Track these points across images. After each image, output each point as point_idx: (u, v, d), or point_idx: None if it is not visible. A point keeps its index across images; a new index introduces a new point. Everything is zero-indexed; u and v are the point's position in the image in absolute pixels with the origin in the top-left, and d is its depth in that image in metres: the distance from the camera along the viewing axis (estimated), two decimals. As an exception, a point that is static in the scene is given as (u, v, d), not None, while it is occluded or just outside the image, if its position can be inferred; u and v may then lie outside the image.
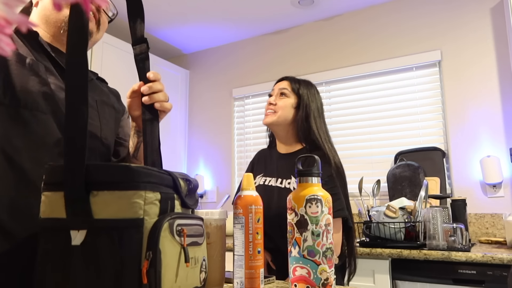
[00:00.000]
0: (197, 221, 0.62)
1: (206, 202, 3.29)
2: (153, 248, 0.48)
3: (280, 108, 1.39)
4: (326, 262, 0.75)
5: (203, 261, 0.63)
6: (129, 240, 0.48)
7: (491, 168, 2.25)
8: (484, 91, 2.41)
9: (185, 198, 0.60)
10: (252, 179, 0.86)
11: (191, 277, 0.57)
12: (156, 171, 0.54)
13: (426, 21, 2.64)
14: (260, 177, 1.43)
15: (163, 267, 0.49)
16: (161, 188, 0.54)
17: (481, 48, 2.45)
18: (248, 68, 3.30)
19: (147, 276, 0.47)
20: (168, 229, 0.51)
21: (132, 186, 0.50)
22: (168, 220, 0.52)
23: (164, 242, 0.50)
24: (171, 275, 0.51)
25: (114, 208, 0.49)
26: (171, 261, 0.51)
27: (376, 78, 2.76)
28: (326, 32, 3.00)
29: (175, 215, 0.54)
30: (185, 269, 0.55)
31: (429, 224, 1.84)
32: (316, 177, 0.80)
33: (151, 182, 0.52)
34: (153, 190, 0.52)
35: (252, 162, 1.55)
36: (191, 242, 0.57)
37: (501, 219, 2.24)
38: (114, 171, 0.50)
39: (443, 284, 1.75)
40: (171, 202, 0.56)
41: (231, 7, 2.85)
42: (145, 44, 0.78)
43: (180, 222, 0.55)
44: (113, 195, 0.49)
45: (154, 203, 0.52)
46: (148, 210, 0.50)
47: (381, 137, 2.67)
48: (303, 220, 0.76)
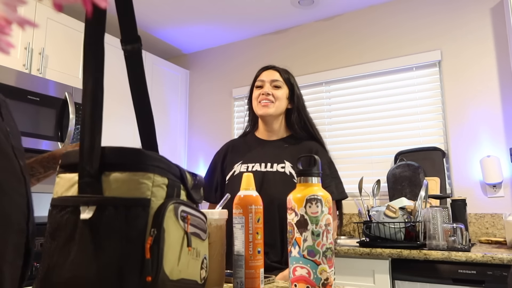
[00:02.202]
0: (201, 215, 0.64)
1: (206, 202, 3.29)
2: (157, 226, 0.50)
3: (278, 99, 1.41)
4: (326, 262, 0.75)
5: (204, 259, 0.64)
6: (135, 217, 0.50)
7: (491, 168, 2.25)
8: (484, 91, 2.41)
9: (190, 191, 0.63)
10: (252, 179, 0.86)
11: (193, 267, 0.58)
12: (165, 158, 0.57)
13: (426, 21, 2.64)
14: (239, 165, 1.40)
15: (166, 246, 0.51)
16: (169, 175, 0.57)
17: (481, 48, 2.45)
18: (248, 68, 3.30)
19: (150, 251, 0.49)
20: (173, 211, 0.54)
21: (142, 168, 0.53)
22: (174, 203, 0.54)
23: (168, 222, 0.52)
24: (174, 256, 0.52)
25: (123, 188, 0.51)
26: (174, 242, 0.53)
27: (376, 78, 2.76)
28: (326, 32, 3.00)
29: (180, 201, 0.57)
30: (187, 256, 0.56)
31: (429, 224, 1.84)
32: (316, 177, 0.80)
33: (159, 167, 0.55)
34: (161, 175, 0.55)
35: (223, 152, 1.49)
36: (194, 232, 0.59)
37: (501, 219, 2.24)
38: (126, 153, 0.53)
39: (443, 284, 1.75)
40: (177, 190, 0.58)
41: (231, 7, 2.85)
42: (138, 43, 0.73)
43: (185, 209, 0.57)
44: (123, 175, 0.52)
45: (162, 186, 0.54)
46: (155, 192, 0.53)
47: (381, 137, 2.67)
48: (303, 220, 0.76)
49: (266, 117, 1.42)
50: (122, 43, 0.74)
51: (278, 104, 1.40)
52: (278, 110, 1.41)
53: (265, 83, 1.43)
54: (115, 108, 2.78)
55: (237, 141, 1.53)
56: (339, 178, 1.38)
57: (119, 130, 2.80)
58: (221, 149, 1.52)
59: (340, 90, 2.87)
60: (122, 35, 0.74)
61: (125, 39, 0.74)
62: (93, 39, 0.57)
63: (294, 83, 1.46)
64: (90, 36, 0.57)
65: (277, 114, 1.42)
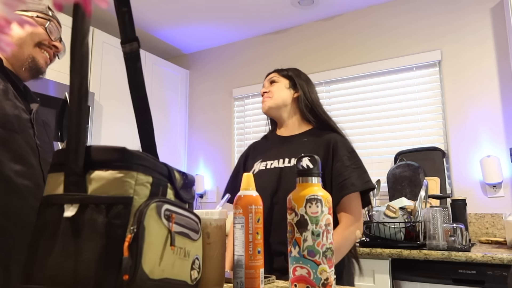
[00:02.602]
0: (191, 215, 0.63)
1: (206, 202, 3.29)
2: (137, 224, 0.50)
3: (274, 91, 1.40)
4: (326, 262, 0.75)
5: (196, 260, 0.63)
6: (117, 216, 0.50)
7: (491, 168, 2.25)
8: (484, 91, 2.41)
9: (179, 190, 0.63)
10: (252, 179, 0.86)
11: (179, 267, 0.58)
12: (151, 157, 0.57)
13: (426, 21, 2.64)
14: (259, 163, 1.39)
15: (146, 244, 0.51)
16: (154, 173, 0.57)
17: (481, 48, 2.45)
18: (248, 68, 3.30)
19: (129, 250, 0.49)
20: (155, 209, 0.53)
21: (125, 166, 0.53)
22: (156, 202, 0.54)
23: (149, 220, 0.52)
24: (155, 255, 0.52)
25: (106, 186, 0.52)
26: (156, 241, 0.53)
27: (376, 78, 2.76)
28: (326, 32, 3.00)
29: (164, 199, 0.56)
30: (171, 255, 0.56)
31: (429, 224, 1.84)
32: (316, 177, 0.80)
33: (144, 166, 0.55)
34: (146, 173, 0.55)
35: (245, 155, 1.50)
36: (181, 231, 0.59)
37: (501, 219, 2.24)
38: (110, 152, 0.54)
39: (443, 284, 1.75)
40: (163, 189, 0.58)
41: (231, 7, 2.85)
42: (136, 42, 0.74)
43: (170, 208, 0.57)
44: (106, 173, 0.52)
45: (145, 185, 0.55)
46: (138, 190, 0.53)
47: (381, 137, 2.67)
48: (303, 220, 0.76)
49: (269, 112, 1.41)
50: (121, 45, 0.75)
51: (276, 96, 1.39)
52: (277, 101, 1.39)
53: (264, 85, 1.47)
54: (115, 108, 2.78)
55: (259, 142, 1.52)
56: (362, 168, 1.28)
57: (119, 130, 2.80)
58: (244, 152, 1.52)
59: (340, 90, 2.87)
60: (121, 37, 0.74)
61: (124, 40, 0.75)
62: (78, 39, 0.58)
63: (294, 75, 1.44)
64: (75, 36, 0.58)
65: (278, 105, 1.39)
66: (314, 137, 1.35)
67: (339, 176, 1.24)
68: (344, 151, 1.28)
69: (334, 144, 1.29)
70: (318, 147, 1.30)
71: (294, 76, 1.43)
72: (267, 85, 1.45)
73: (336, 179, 1.24)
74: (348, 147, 1.30)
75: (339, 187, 1.23)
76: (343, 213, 1.24)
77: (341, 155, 1.27)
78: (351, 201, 1.25)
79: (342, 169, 1.24)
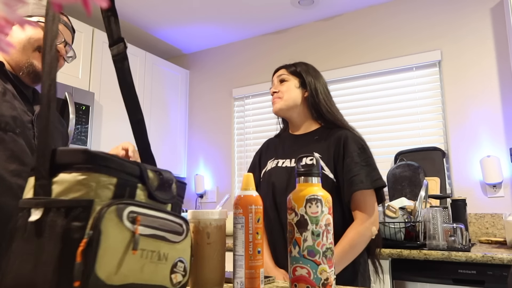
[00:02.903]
0: (169, 217, 0.61)
1: (206, 202, 3.29)
2: (94, 228, 0.49)
3: (284, 92, 1.38)
4: (326, 262, 0.75)
5: (180, 262, 0.61)
6: (75, 219, 0.50)
7: (491, 168, 2.25)
8: (484, 91, 2.41)
9: (154, 190, 0.61)
10: (252, 179, 0.86)
11: (151, 271, 0.56)
12: (116, 157, 0.56)
13: (426, 21, 2.64)
14: (272, 161, 1.39)
15: (102, 249, 0.49)
16: (120, 174, 0.56)
17: (481, 48, 2.45)
18: (248, 68, 3.30)
19: (82, 255, 0.48)
20: (115, 212, 0.52)
21: (87, 168, 0.52)
22: (117, 204, 0.52)
23: (107, 224, 0.50)
24: (113, 260, 0.51)
25: (69, 189, 0.52)
26: (115, 245, 0.51)
27: (376, 78, 2.76)
28: (326, 32, 3.00)
29: (129, 201, 0.55)
30: (138, 259, 0.54)
31: (429, 224, 1.84)
32: (316, 177, 0.80)
33: (108, 167, 0.54)
34: (109, 175, 0.54)
35: (259, 152, 1.50)
36: (153, 234, 0.57)
37: (501, 219, 2.24)
38: (73, 154, 0.53)
39: (443, 284, 1.75)
40: (130, 190, 0.57)
41: (231, 7, 2.85)
42: (122, 43, 0.76)
43: (135, 210, 0.55)
44: (69, 176, 0.52)
45: (108, 187, 0.53)
46: (99, 193, 0.52)
47: (381, 137, 2.67)
48: (303, 220, 0.76)
49: (279, 113, 1.40)
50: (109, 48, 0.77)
51: (286, 96, 1.37)
52: (287, 102, 1.37)
53: (274, 83, 1.44)
54: (115, 108, 2.78)
55: (273, 139, 1.51)
56: (373, 165, 1.26)
57: (119, 130, 2.80)
58: (258, 150, 1.52)
59: (340, 90, 2.87)
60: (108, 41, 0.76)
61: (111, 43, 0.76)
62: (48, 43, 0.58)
63: (304, 70, 1.43)
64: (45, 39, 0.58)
65: (289, 106, 1.38)
66: (325, 135, 1.34)
67: (348, 172, 1.23)
68: (354, 147, 1.27)
69: (345, 140, 1.28)
70: (329, 144, 1.30)
71: (303, 73, 1.41)
72: (277, 83, 1.43)
73: (346, 175, 1.23)
74: (358, 143, 1.28)
75: (348, 183, 1.22)
76: (357, 210, 1.23)
77: (351, 151, 1.26)
78: (365, 197, 1.23)
79: (352, 165, 1.23)
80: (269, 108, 3.12)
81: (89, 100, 2.53)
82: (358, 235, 1.20)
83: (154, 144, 3.11)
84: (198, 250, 0.78)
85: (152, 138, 3.09)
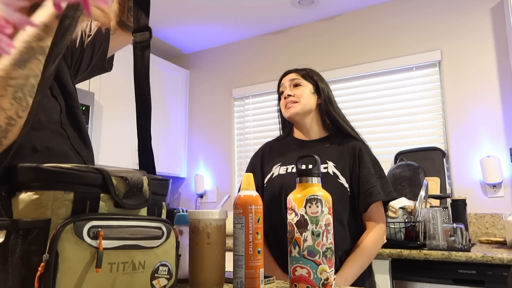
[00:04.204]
0: (143, 223, 0.58)
1: (206, 202, 3.29)
2: (50, 251, 0.47)
3: (301, 96, 1.36)
4: (326, 262, 0.75)
5: (162, 266, 0.59)
6: (33, 242, 0.48)
7: (491, 168, 2.25)
8: (484, 91, 2.41)
9: (122, 198, 0.57)
10: (252, 179, 0.86)
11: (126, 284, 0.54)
12: (73, 169, 0.52)
13: (426, 21, 2.64)
14: (278, 167, 1.36)
15: (61, 271, 0.47)
16: (78, 187, 0.52)
17: (481, 48, 2.45)
18: (248, 68, 3.30)
19: (40, 280, 0.46)
20: (71, 231, 0.49)
21: (40, 186, 0.50)
22: (75, 222, 0.49)
23: (65, 244, 0.48)
24: (72, 281, 0.48)
25: (26, 209, 0.49)
26: (75, 266, 0.49)
27: (376, 78, 2.76)
28: (326, 32, 3.00)
29: (89, 216, 0.51)
30: (106, 275, 0.52)
31: (429, 224, 1.84)
32: (316, 177, 0.80)
33: (62, 182, 0.51)
34: (65, 190, 0.51)
35: (260, 155, 1.46)
36: (122, 245, 0.54)
37: (501, 219, 2.24)
38: (26, 172, 0.50)
39: (443, 284, 1.75)
40: (91, 202, 0.53)
41: (231, 7, 2.85)
42: (148, 32, 0.75)
43: (98, 224, 0.52)
44: (25, 196, 0.50)
45: (64, 203, 0.51)
46: (56, 211, 0.50)
47: (381, 137, 2.67)
48: (303, 220, 0.76)
49: (295, 118, 1.37)
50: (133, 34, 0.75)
51: (303, 101, 1.35)
52: (305, 107, 1.35)
53: (286, 87, 1.40)
54: (115, 108, 2.78)
55: (273, 143, 1.48)
56: (385, 177, 1.31)
57: (119, 130, 2.80)
58: (257, 152, 1.48)
59: (340, 90, 2.87)
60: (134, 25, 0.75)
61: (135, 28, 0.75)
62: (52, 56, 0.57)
63: (317, 77, 1.42)
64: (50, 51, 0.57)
65: (305, 112, 1.36)
66: (336, 144, 1.35)
67: (367, 183, 1.26)
68: (368, 159, 1.31)
69: (359, 151, 1.31)
70: (343, 154, 1.31)
71: (318, 80, 1.41)
72: (289, 87, 1.40)
73: (364, 185, 1.26)
74: (371, 155, 1.33)
75: (367, 194, 1.25)
76: (372, 220, 1.27)
77: (367, 162, 1.29)
78: (378, 207, 1.28)
79: (369, 176, 1.27)
80: (269, 108, 3.12)
81: (89, 100, 2.53)
82: (375, 244, 1.24)
83: (154, 144, 3.10)
84: (198, 250, 0.78)
85: (152, 138, 3.08)
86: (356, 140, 1.35)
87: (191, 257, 0.79)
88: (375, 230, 1.25)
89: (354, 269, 1.20)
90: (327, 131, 1.41)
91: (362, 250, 1.23)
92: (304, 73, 1.42)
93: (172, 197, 3.47)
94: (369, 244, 1.23)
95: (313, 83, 1.40)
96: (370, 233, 1.25)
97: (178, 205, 3.44)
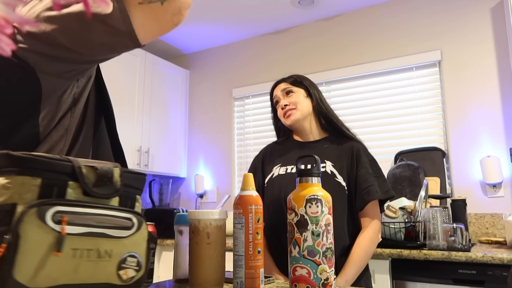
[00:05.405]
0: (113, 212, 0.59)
1: (206, 202, 3.29)
2: (12, 232, 0.49)
3: (297, 103, 1.38)
4: (326, 262, 0.75)
5: (131, 257, 0.60)
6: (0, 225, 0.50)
7: (491, 168, 2.25)
8: (484, 91, 2.41)
9: (92, 187, 0.59)
10: (252, 179, 0.86)
11: (89, 270, 0.55)
12: (43, 156, 0.55)
13: (426, 21, 2.64)
14: (278, 168, 1.39)
15: (21, 253, 0.49)
16: (46, 174, 0.54)
17: (481, 48, 2.45)
18: (248, 68, 3.30)
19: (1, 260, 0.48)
20: (35, 214, 0.51)
21: (10, 171, 0.52)
22: (39, 206, 0.52)
23: (26, 227, 0.50)
24: (33, 263, 0.50)
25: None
26: (37, 248, 0.51)
27: (376, 78, 2.76)
28: (326, 32, 3.00)
29: (55, 201, 0.53)
30: (69, 260, 0.53)
31: (429, 224, 1.84)
32: (316, 177, 0.80)
33: (31, 168, 0.53)
34: (33, 175, 0.53)
35: (261, 157, 1.49)
36: (88, 232, 0.55)
37: (501, 219, 2.24)
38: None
39: (443, 284, 1.75)
40: (59, 189, 0.55)
41: (231, 7, 2.85)
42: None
43: (62, 209, 0.54)
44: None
45: (31, 188, 0.53)
46: (22, 195, 0.52)
47: (381, 137, 2.67)
48: (303, 220, 0.76)
49: (295, 124, 1.40)
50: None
51: (300, 107, 1.38)
52: (303, 111, 1.38)
53: (279, 97, 1.43)
54: (114, 108, 2.78)
55: (274, 146, 1.51)
56: (383, 176, 1.33)
57: (119, 130, 2.80)
58: (259, 154, 1.51)
59: (340, 90, 2.87)
60: None
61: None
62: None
63: (304, 81, 1.44)
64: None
65: (304, 116, 1.39)
66: (334, 144, 1.38)
67: (364, 182, 1.28)
68: (366, 158, 1.33)
69: (357, 151, 1.34)
70: (341, 154, 1.34)
71: (307, 84, 1.43)
72: (283, 96, 1.43)
73: (362, 184, 1.28)
74: (368, 155, 1.36)
75: (365, 193, 1.27)
76: (368, 218, 1.29)
77: (365, 162, 1.32)
78: (374, 206, 1.30)
79: (367, 176, 1.29)
80: (269, 108, 3.11)
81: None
82: (372, 243, 1.27)
83: (154, 144, 3.11)
84: (198, 250, 0.78)
85: (152, 138, 3.09)
86: (354, 141, 1.39)
87: (191, 257, 0.79)
88: (370, 228, 1.28)
89: (354, 269, 1.22)
90: (326, 132, 1.44)
91: (361, 250, 1.25)
92: (293, 80, 1.44)
93: (172, 197, 3.47)
94: (366, 243, 1.26)
95: (304, 87, 1.43)
96: (366, 232, 1.27)
97: (178, 205, 3.44)
